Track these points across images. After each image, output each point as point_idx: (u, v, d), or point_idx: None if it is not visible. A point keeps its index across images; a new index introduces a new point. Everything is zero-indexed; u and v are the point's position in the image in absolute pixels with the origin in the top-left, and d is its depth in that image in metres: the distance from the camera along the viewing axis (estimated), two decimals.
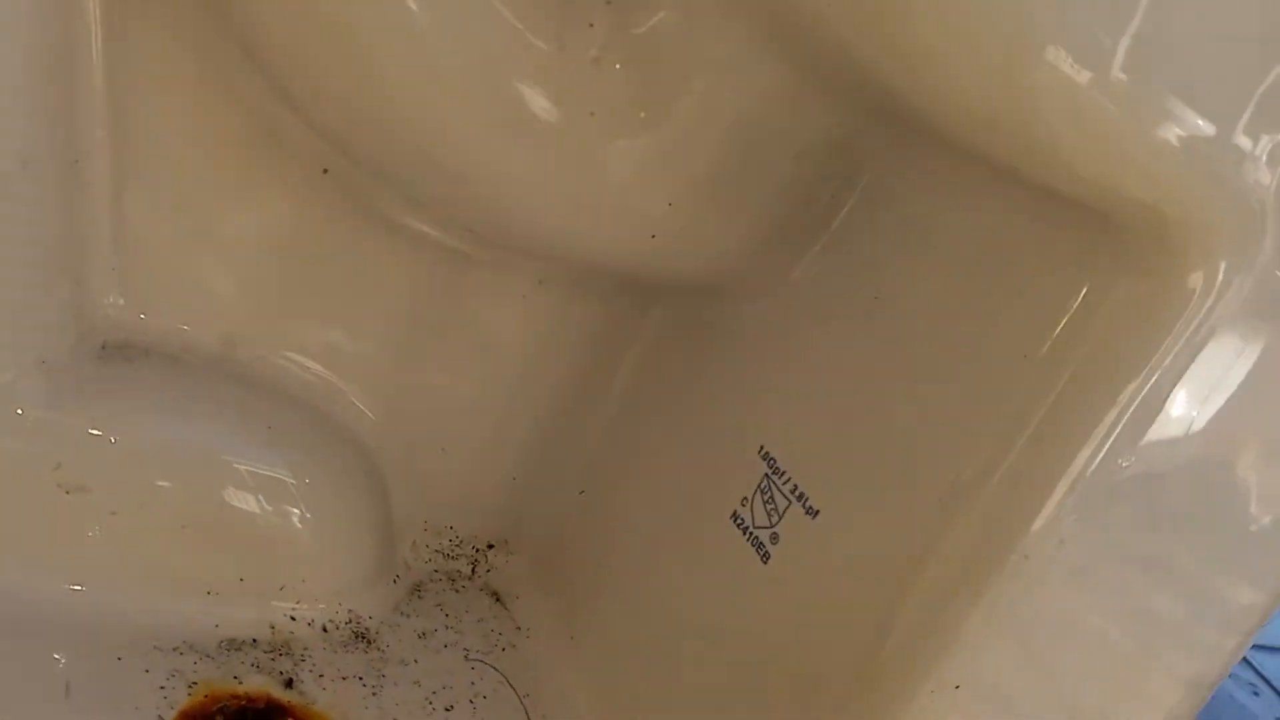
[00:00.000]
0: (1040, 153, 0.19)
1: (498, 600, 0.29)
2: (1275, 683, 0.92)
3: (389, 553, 0.27)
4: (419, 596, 0.28)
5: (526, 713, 0.26)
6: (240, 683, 0.23)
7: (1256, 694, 0.90)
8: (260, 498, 0.25)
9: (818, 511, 0.22)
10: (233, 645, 0.24)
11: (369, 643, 0.25)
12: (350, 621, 0.26)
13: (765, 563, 0.23)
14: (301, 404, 0.26)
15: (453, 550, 0.29)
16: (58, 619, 0.22)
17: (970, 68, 0.18)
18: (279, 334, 0.26)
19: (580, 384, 0.29)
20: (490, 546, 0.30)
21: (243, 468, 0.25)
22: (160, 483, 0.24)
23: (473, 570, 0.29)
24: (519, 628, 0.28)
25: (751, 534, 0.23)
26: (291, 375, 0.26)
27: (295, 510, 0.25)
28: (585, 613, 0.28)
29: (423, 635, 0.26)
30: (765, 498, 0.23)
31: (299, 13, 0.22)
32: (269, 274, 0.26)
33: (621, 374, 0.29)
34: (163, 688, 0.22)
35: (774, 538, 0.23)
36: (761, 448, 0.23)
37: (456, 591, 0.28)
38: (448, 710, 0.25)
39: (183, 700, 0.22)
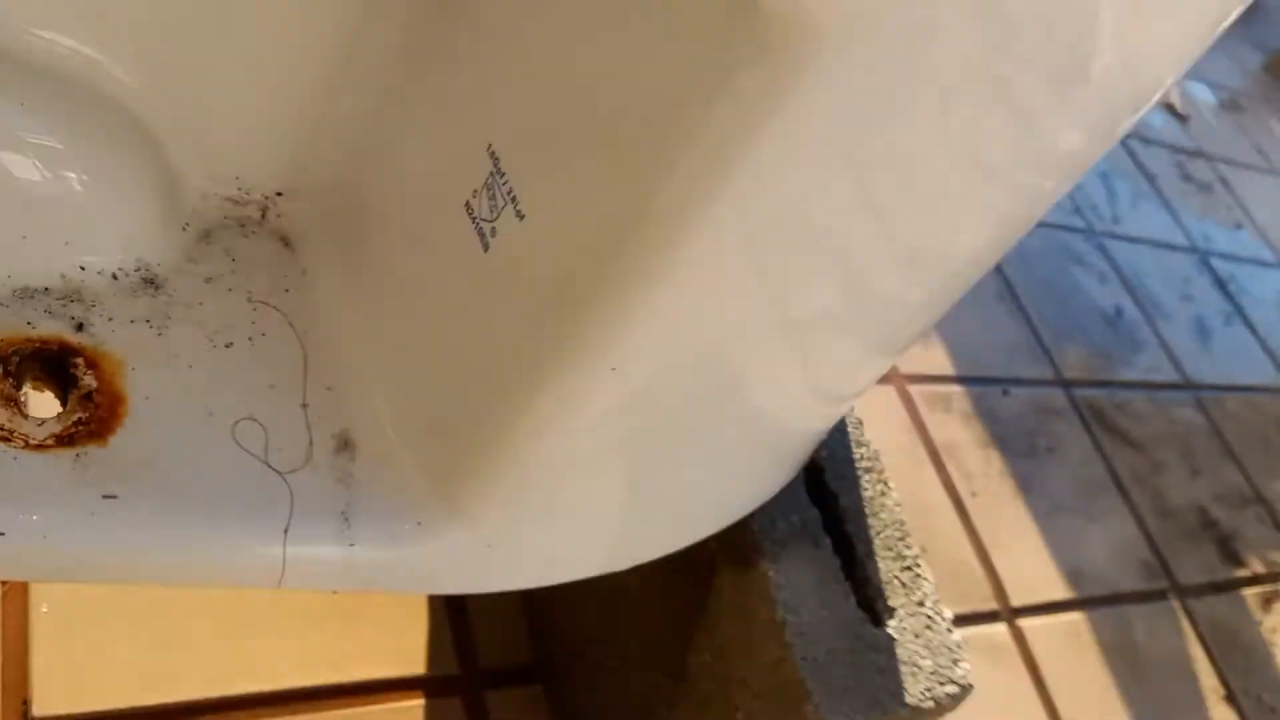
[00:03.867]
0: None
1: (286, 245, 0.32)
2: (1125, 271, 1.01)
3: (175, 203, 0.30)
4: (208, 243, 0.30)
5: (303, 347, 0.30)
6: (33, 328, 0.27)
7: (1104, 282, 0.99)
8: (35, 163, 0.27)
9: (524, 216, 0.24)
10: (24, 294, 0.27)
11: (157, 288, 0.29)
12: (139, 269, 0.29)
13: (485, 252, 0.26)
14: (56, 77, 0.26)
15: (241, 198, 0.31)
16: None
17: None
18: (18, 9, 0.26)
19: (361, 37, 0.30)
20: (279, 194, 0.32)
21: (10, 135, 0.26)
22: None
23: (263, 215, 0.32)
24: (304, 271, 0.32)
25: (477, 224, 0.26)
26: (39, 51, 0.26)
27: (71, 174, 0.27)
28: (364, 260, 0.31)
29: (209, 280, 0.30)
30: (490, 194, 0.25)
31: None
32: None
33: (399, 28, 0.29)
34: None
35: (493, 231, 0.25)
36: (490, 146, 0.25)
37: (246, 237, 0.31)
38: (228, 347, 0.29)
39: None
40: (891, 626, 0.38)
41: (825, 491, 0.41)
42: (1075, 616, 0.70)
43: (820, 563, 0.38)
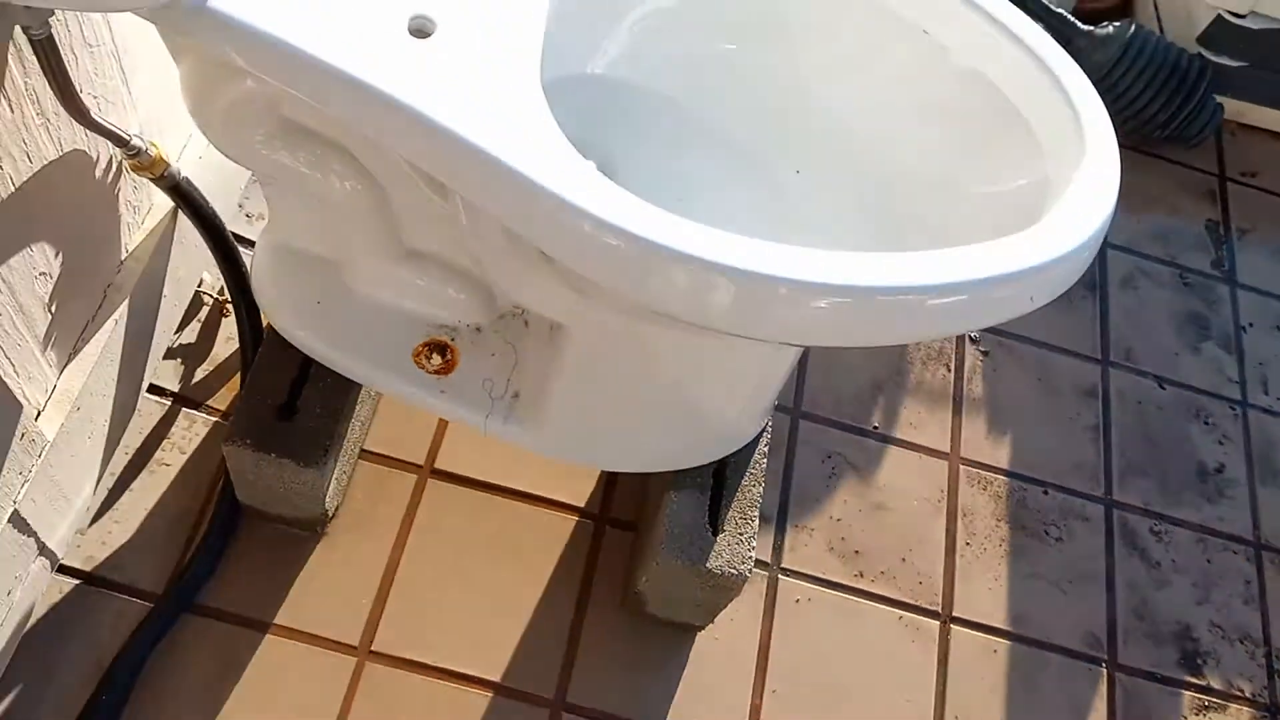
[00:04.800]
0: None
1: (525, 324, 0.90)
2: (1255, 440, 1.23)
3: (494, 307, 0.89)
4: (500, 319, 0.90)
5: (517, 357, 0.89)
6: (439, 337, 0.88)
7: (1220, 443, 1.22)
8: (452, 297, 0.88)
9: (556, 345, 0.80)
10: (441, 327, 0.89)
11: (479, 331, 0.89)
12: (474, 325, 0.89)
13: (551, 344, 0.81)
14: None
15: (516, 306, 0.90)
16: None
17: None
18: None
19: None
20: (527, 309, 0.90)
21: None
22: None
23: (522, 312, 0.90)
24: (529, 333, 0.90)
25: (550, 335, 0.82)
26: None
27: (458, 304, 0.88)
28: (544, 329, 0.89)
29: (495, 331, 0.89)
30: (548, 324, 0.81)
31: None
32: None
33: None
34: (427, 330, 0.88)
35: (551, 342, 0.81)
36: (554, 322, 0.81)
37: (514, 318, 0.90)
38: (492, 356, 0.88)
39: (420, 340, 0.88)
40: (718, 539, 0.87)
41: (724, 475, 0.90)
42: (999, 642, 1.06)
43: (697, 501, 0.88)
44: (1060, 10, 1.37)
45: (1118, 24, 1.39)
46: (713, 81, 0.76)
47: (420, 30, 0.58)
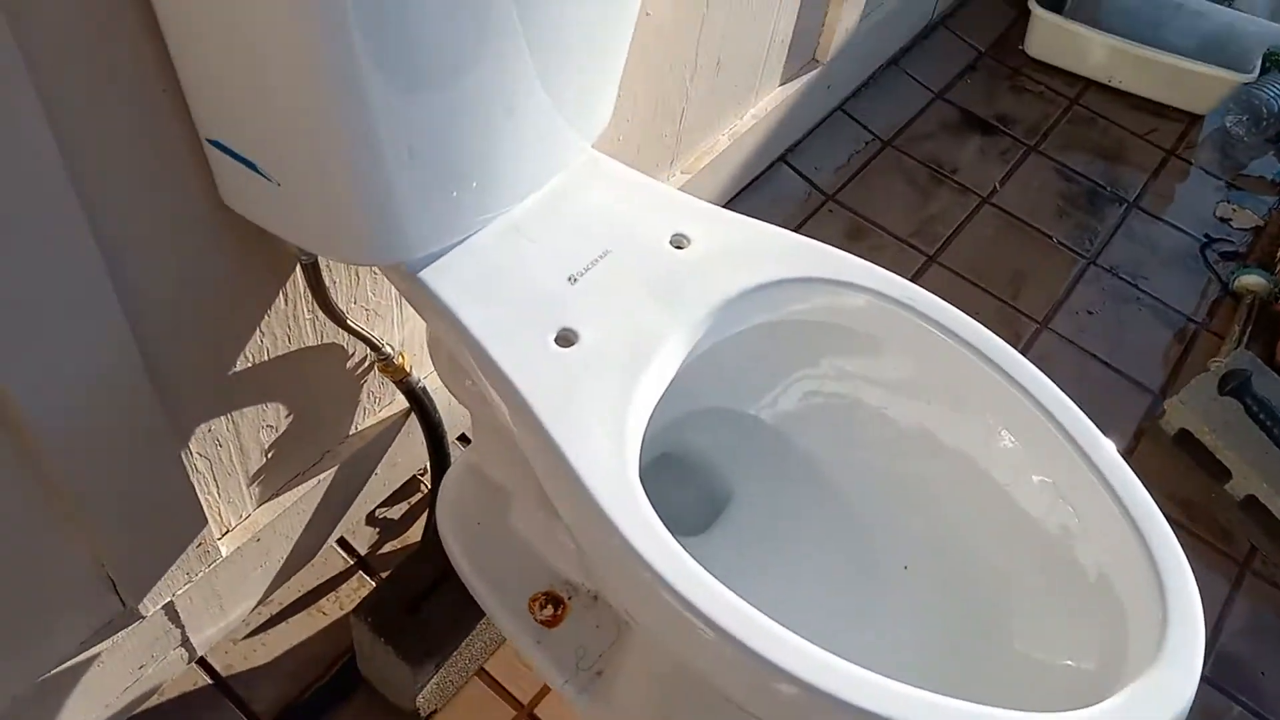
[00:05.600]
0: None
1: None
2: None
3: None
4: (594, 599, 0.95)
5: (619, 632, 0.93)
6: (571, 595, 0.95)
7: None
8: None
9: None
10: (563, 584, 0.95)
11: (595, 599, 0.94)
12: (589, 591, 0.94)
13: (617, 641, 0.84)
14: None
15: None
16: None
17: None
18: None
19: None
20: None
21: None
22: None
23: None
24: (626, 621, 0.94)
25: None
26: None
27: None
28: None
29: (607, 606, 0.94)
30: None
31: None
32: None
33: None
34: (550, 580, 0.95)
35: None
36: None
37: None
38: (597, 628, 0.93)
39: (543, 588, 0.94)
40: None
41: None
42: None
43: None
44: None
45: None
46: (858, 459, 0.79)
47: (564, 340, 0.68)
